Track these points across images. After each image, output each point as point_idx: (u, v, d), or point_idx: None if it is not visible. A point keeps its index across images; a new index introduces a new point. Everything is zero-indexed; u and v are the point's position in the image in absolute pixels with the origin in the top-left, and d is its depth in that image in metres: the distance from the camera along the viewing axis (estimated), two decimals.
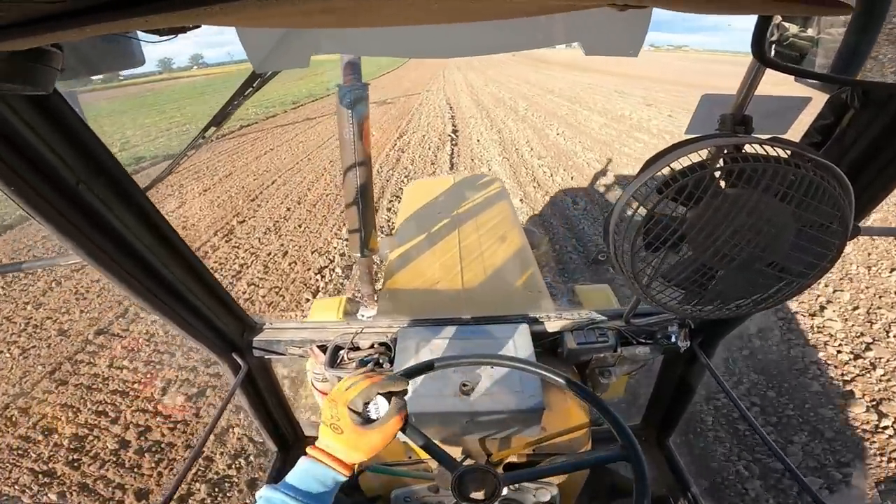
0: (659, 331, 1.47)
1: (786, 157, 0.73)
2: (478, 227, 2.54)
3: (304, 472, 0.78)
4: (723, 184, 0.78)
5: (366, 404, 0.83)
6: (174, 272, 1.09)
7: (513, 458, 1.23)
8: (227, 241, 5.61)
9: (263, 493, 0.74)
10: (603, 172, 7.39)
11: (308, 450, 0.81)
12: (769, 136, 0.76)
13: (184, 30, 0.60)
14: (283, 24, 0.49)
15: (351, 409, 0.81)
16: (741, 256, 0.83)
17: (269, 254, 5.22)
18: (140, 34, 0.66)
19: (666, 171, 0.77)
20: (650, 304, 0.96)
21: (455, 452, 1.21)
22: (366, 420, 0.83)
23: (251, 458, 2.72)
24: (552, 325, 1.52)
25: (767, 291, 0.91)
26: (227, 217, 6.39)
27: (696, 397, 1.76)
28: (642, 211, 0.79)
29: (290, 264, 4.95)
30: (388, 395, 0.86)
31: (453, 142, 10.04)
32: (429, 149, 9.54)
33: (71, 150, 0.75)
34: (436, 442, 1.20)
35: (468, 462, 1.13)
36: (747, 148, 0.77)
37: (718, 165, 0.79)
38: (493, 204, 2.89)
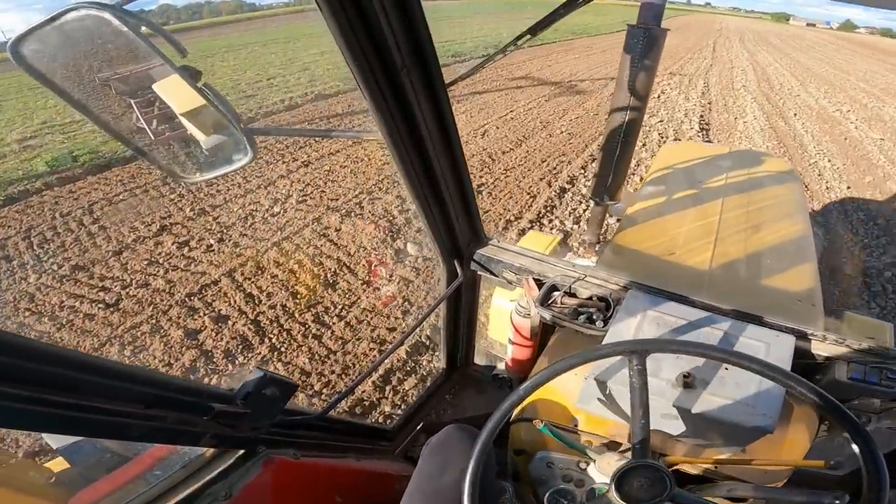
0: None
1: None
2: (748, 204, 2.08)
3: None
4: None
5: None
6: (441, 167, 1.17)
7: (688, 468, 1.08)
8: None
9: None
10: None
11: None
12: None
13: None
14: None
15: None
16: None
17: None
18: None
19: None
20: None
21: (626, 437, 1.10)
22: None
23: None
24: (823, 348, 1.21)
25: None
26: None
27: None
28: None
29: None
30: None
31: None
32: None
33: (405, 36, 0.81)
34: (617, 421, 1.10)
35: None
36: None
37: None
38: (777, 185, 2.31)
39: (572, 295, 1.40)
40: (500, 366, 2.06)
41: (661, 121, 8.48)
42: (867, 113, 9.76)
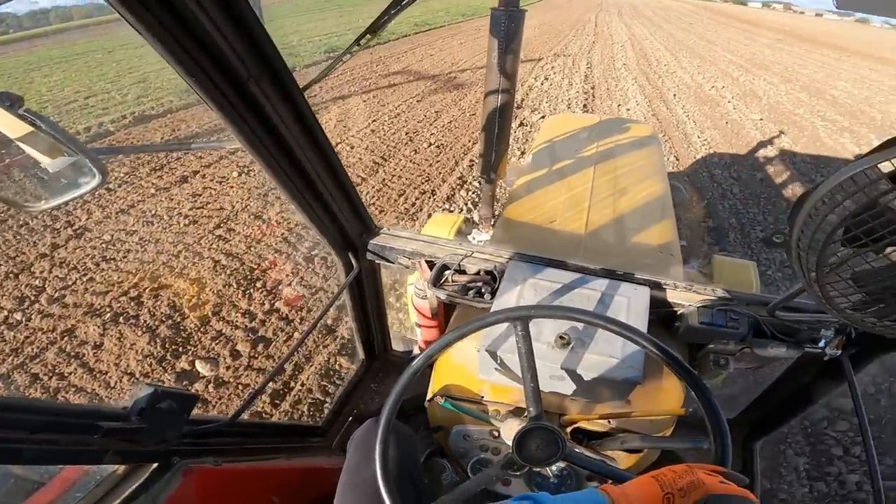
0: (807, 331, 1.25)
1: None
2: (616, 169, 2.33)
3: None
4: None
5: None
6: (314, 166, 1.19)
7: (586, 425, 1.19)
8: None
9: None
10: None
11: None
12: None
13: None
14: None
15: None
16: None
17: None
18: None
19: None
20: (821, 304, 0.83)
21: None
22: None
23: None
24: (676, 295, 1.38)
25: None
26: None
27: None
28: (861, 197, 0.67)
29: None
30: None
31: None
32: None
33: (245, 46, 0.82)
34: (516, 387, 1.19)
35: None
36: None
37: None
38: (640, 148, 2.60)
39: (462, 272, 1.49)
40: (417, 349, 2.15)
41: (542, 116, 7.41)
42: (740, 88, 9.72)
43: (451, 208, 4.87)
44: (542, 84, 9.43)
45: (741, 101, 8.65)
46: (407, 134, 6.82)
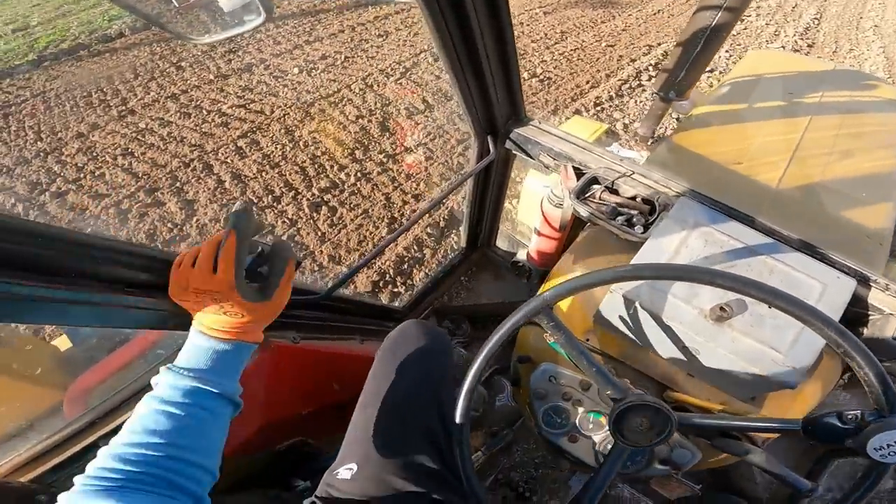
0: None
1: None
2: (841, 127, 1.80)
3: (223, 360, 0.68)
4: None
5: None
6: (484, 34, 1.02)
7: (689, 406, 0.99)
8: None
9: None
10: None
11: (206, 332, 0.68)
12: None
13: None
14: None
15: (241, 292, 0.68)
16: None
17: None
18: None
19: None
20: None
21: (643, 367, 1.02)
22: (258, 290, 0.73)
23: None
24: (881, 298, 1.02)
25: None
26: None
27: None
28: None
29: None
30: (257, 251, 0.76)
31: None
32: None
33: None
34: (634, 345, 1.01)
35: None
36: None
37: None
38: (881, 112, 1.97)
39: (614, 192, 1.25)
40: (522, 253, 2.00)
41: (711, 70, 4.69)
42: None
43: None
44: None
45: None
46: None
